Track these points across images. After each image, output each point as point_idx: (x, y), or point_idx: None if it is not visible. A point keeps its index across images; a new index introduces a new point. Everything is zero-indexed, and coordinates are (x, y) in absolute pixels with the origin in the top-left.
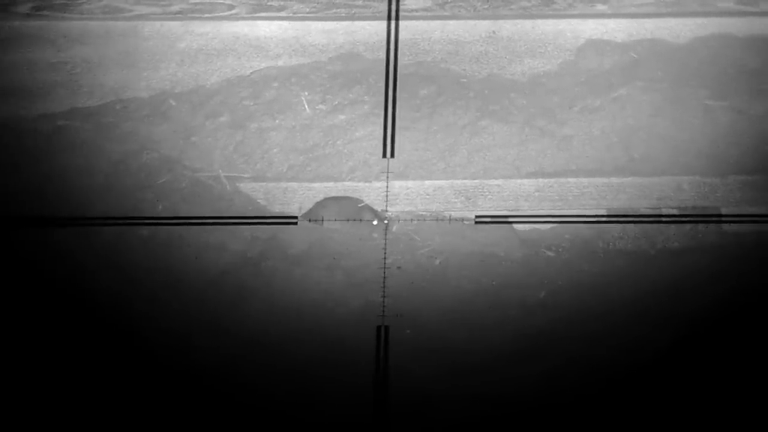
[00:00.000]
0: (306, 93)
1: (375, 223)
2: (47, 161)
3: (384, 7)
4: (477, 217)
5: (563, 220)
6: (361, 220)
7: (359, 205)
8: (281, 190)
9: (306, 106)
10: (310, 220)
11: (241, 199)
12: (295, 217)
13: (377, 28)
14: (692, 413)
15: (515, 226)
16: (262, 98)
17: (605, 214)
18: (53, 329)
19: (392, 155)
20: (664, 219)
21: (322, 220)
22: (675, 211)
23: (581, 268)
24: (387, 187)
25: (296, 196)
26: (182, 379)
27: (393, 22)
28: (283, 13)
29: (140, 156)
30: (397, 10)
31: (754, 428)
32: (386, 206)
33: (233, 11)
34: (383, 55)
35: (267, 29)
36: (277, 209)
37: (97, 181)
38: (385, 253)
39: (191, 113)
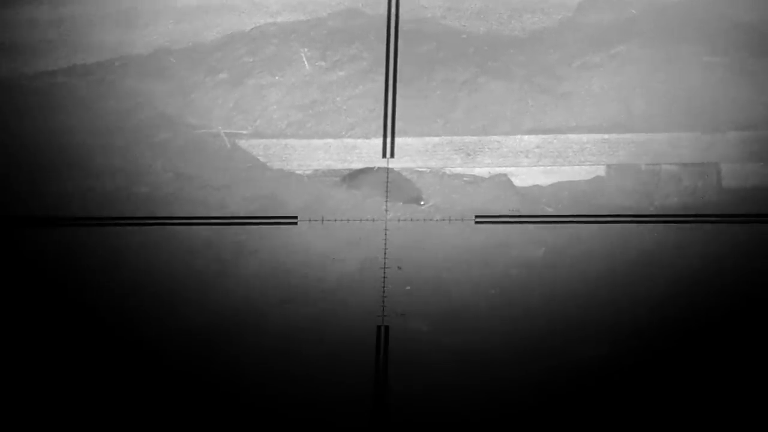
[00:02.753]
0: (305, 49)
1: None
2: (46, 119)
3: None
4: (477, 216)
5: (568, 220)
6: (361, 220)
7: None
8: (281, 147)
9: (305, 63)
10: (310, 220)
11: (240, 156)
12: (295, 217)
13: None
14: (694, 413)
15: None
16: (261, 55)
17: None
18: (54, 329)
19: (392, 155)
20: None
21: (322, 220)
22: (674, 168)
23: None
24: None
25: (295, 153)
26: (182, 379)
27: None
28: None
29: (139, 113)
30: None
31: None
32: (387, 163)
33: None
34: (384, 11)
35: None
36: (276, 165)
37: (96, 138)
38: (385, 253)
39: (191, 70)
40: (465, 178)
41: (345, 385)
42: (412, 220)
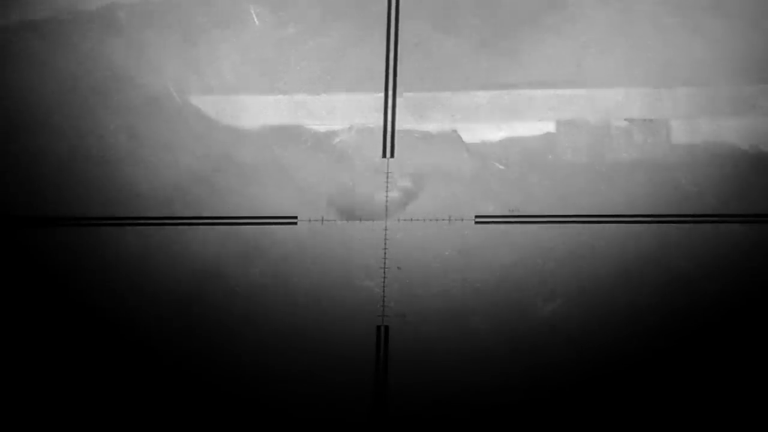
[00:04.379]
0: (255, 6)
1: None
2: None
3: None
4: (477, 216)
5: (568, 220)
6: (360, 219)
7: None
8: (231, 103)
9: (255, 19)
10: (309, 220)
11: (190, 112)
12: (295, 217)
13: None
14: (694, 413)
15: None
16: (211, 11)
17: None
18: (54, 329)
19: (392, 155)
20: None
21: (322, 220)
22: (624, 123)
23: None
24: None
25: (247, 110)
26: (182, 379)
27: None
28: None
29: (92, 73)
30: None
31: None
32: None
33: None
34: None
35: None
36: (226, 122)
37: (46, 98)
38: (385, 253)
39: (141, 27)
40: (415, 135)
41: (345, 385)
42: (412, 220)
